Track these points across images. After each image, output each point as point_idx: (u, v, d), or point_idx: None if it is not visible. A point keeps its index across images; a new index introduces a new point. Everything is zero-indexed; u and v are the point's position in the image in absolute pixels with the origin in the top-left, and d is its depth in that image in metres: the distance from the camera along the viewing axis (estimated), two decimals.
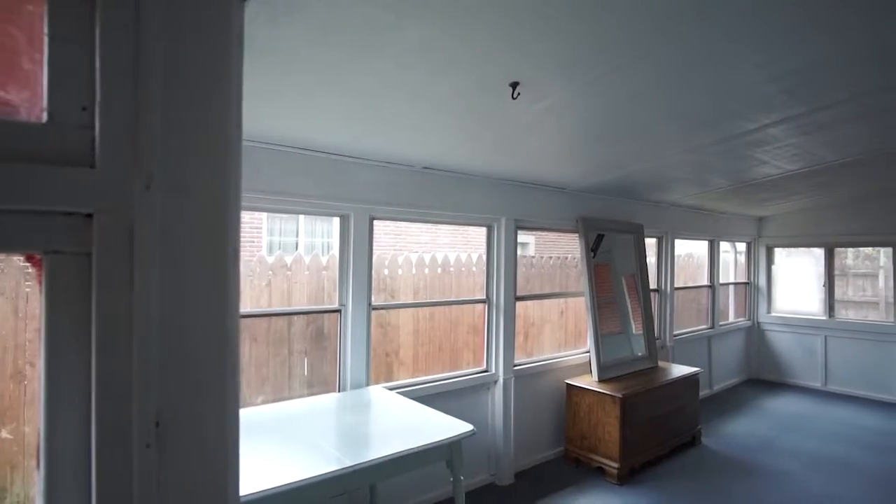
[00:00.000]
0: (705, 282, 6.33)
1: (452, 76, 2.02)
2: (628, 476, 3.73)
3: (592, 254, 4.38)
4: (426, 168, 3.28)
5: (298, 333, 3.01)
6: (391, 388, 3.18)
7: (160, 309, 0.51)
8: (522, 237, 11.73)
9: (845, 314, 6.55)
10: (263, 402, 2.75)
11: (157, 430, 0.50)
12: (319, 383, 3.03)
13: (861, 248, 6.60)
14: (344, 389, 2.99)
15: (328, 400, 2.81)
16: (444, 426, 2.31)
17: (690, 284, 6.17)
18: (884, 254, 6.12)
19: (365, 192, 3.03)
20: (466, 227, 3.93)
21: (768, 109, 2.76)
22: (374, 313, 3.31)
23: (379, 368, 3.36)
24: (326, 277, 3.10)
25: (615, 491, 3.56)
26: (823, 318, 6.44)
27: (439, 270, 3.80)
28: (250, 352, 2.79)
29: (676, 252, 6.14)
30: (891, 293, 6.07)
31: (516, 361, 3.96)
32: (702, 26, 1.80)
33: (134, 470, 0.49)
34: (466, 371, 3.70)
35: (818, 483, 3.72)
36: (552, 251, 9.85)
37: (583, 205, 4.40)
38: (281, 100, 2.15)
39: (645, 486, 3.64)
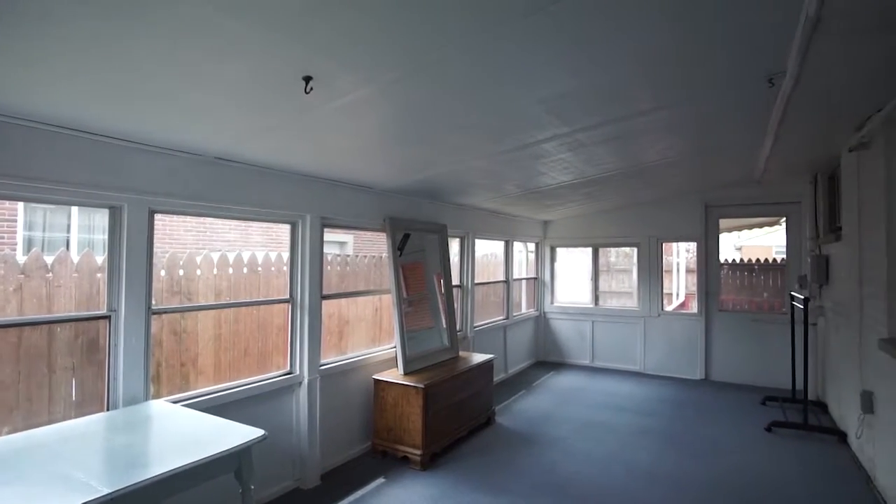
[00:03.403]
0: (502, 278, 7.06)
1: (241, 62, 1.90)
2: (430, 461, 3.98)
3: (399, 252, 4.56)
4: (219, 159, 3.04)
5: (65, 346, 2.53)
6: (184, 400, 2.90)
7: None
8: (341, 236, 11.53)
9: (609, 303, 7.97)
10: (8, 433, 2.25)
11: None
12: (94, 402, 2.60)
13: (621, 248, 8.08)
14: (115, 407, 2.61)
15: (94, 421, 2.41)
16: (232, 435, 2.17)
17: (491, 280, 6.83)
18: (635, 253, 7.56)
19: (143, 182, 2.68)
20: (280, 225, 3.75)
21: (540, 127, 3.19)
22: (166, 319, 2.97)
23: (172, 380, 3.03)
24: (104, 280, 2.66)
25: (418, 477, 3.76)
26: (591, 306, 7.71)
27: (245, 270, 3.56)
28: None
29: (483, 251, 6.76)
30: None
31: (325, 361, 3.92)
32: (482, 47, 2.01)
33: None
34: (269, 375, 3.53)
35: (583, 443, 4.44)
36: (371, 250, 9.97)
37: (390, 205, 4.55)
38: (37, 68, 1.78)
39: (445, 469, 3.91)
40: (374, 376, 4.20)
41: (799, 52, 2.26)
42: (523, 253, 7.96)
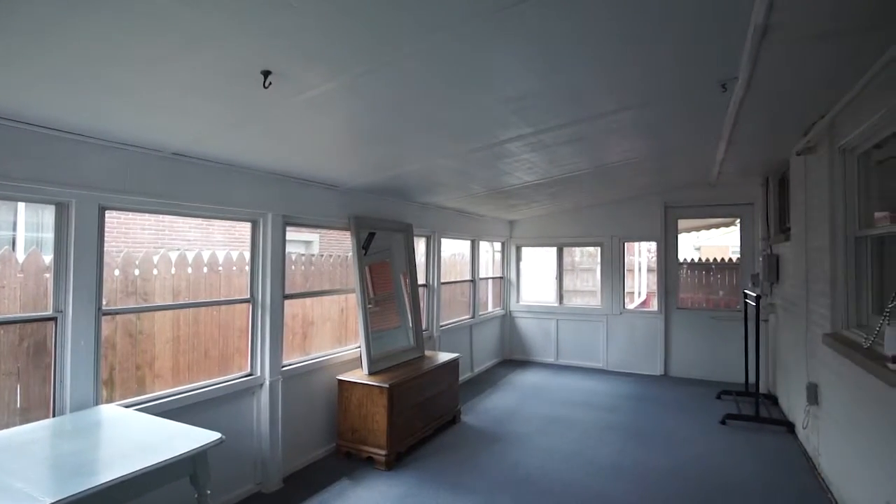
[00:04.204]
0: (468, 277, 7.09)
1: (200, 56, 1.84)
2: (395, 461, 3.96)
3: (364, 251, 4.52)
4: (177, 154, 2.94)
5: (8, 350, 2.40)
6: (139, 404, 2.80)
7: None
8: (307, 235, 11.34)
9: (573, 301, 8.12)
10: None
11: None
12: (39, 408, 2.48)
13: (585, 248, 8.24)
14: (62, 413, 2.49)
15: (39, 428, 2.29)
16: (186, 439, 2.10)
17: (458, 279, 6.85)
18: (599, 252, 7.71)
19: (93, 178, 2.57)
20: (243, 224, 3.65)
21: (505, 127, 3.22)
22: (120, 320, 2.86)
23: (126, 384, 2.93)
24: (52, 280, 2.53)
25: (382, 477, 3.74)
26: (556, 305, 7.83)
27: (206, 270, 3.46)
28: None
29: (451, 251, 6.77)
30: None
31: (288, 362, 3.85)
32: (446, 45, 2.00)
33: None
34: (229, 377, 3.44)
35: (547, 439, 4.51)
36: (337, 249, 9.85)
37: (355, 203, 4.50)
38: None
39: (410, 468, 3.90)
40: (338, 377, 4.15)
41: (749, 59, 2.35)
42: (490, 252, 8.01)
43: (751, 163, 5.19)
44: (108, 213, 2.72)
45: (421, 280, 5.70)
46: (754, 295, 4.99)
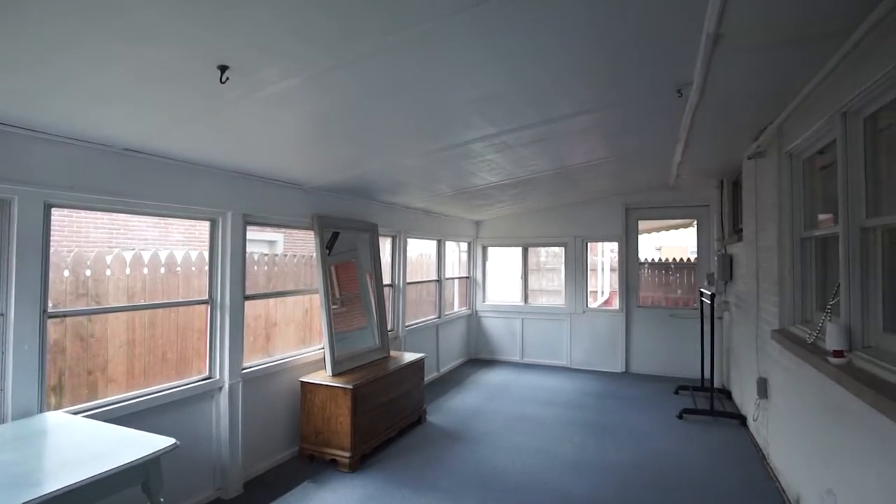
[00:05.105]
0: (435, 277, 7.09)
1: (151, 46, 1.77)
2: (360, 462, 3.92)
3: (328, 251, 4.46)
4: (129, 150, 2.83)
5: None
6: (90, 410, 2.69)
7: None
8: (271, 234, 11.10)
9: (539, 300, 8.23)
10: None
11: None
12: None
13: (550, 248, 8.36)
14: (3, 421, 2.36)
15: None
16: (138, 445, 2.03)
17: (424, 279, 6.84)
18: (563, 252, 7.83)
19: (39, 174, 2.45)
20: (204, 223, 3.55)
21: (468, 127, 3.24)
22: (70, 323, 2.75)
23: (77, 389, 2.81)
24: None
25: (346, 479, 3.70)
26: (521, 304, 7.92)
27: (163, 270, 3.35)
28: None
29: (418, 251, 6.75)
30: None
31: (248, 364, 3.76)
32: (408, 43, 2.00)
33: None
34: (187, 381, 3.34)
35: (512, 437, 4.56)
36: (303, 249, 9.67)
37: (319, 202, 4.44)
38: None
39: (374, 469, 3.87)
40: (300, 378, 4.08)
41: (703, 66, 2.43)
42: (456, 252, 8.04)
43: (707, 166, 5.37)
44: (55, 211, 2.60)
45: (387, 280, 5.67)
46: (709, 293, 5.18)
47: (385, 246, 5.78)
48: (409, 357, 4.96)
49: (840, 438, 2.41)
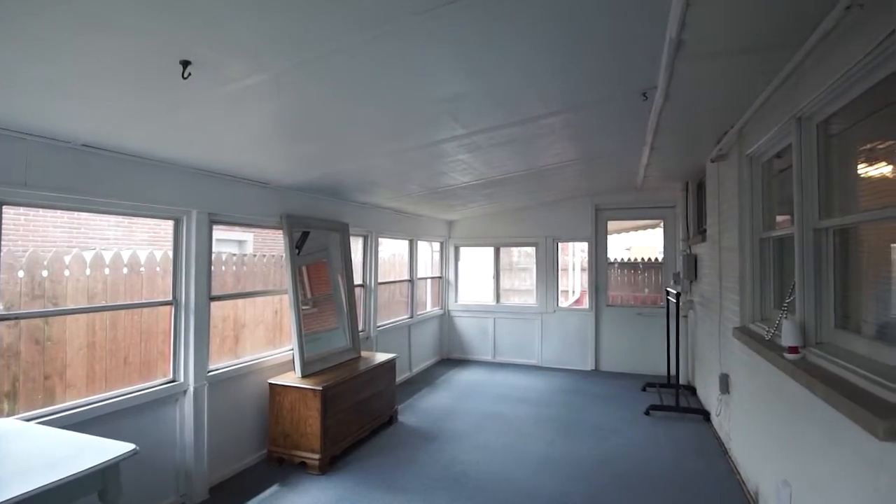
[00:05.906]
0: (407, 277, 7.07)
1: (107, 39, 1.71)
2: (329, 464, 3.88)
3: (297, 251, 4.40)
4: (87, 146, 2.74)
5: None
6: (46, 416, 2.59)
7: None
8: (240, 234, 10.87)
9: (511, 300, 8.30)
10: None
11: None
12: None
13: (522, 248, 8.43)
14: None
15: None
16: (95, 451, 1.96)
17: (396, 279, 6.82)
18: (534, 252, 7.92)
19: None
20: (169, 222, 3.45)
21: (438, 127, 3.24)
22: (25, 326, 2.65)
23: (32, 395, 2.70)
24: None
25: (315, 481, 3.66)
26: (493, 304, 7.97)
27: (126, 271, 3.24)
28: None
29: (390, 251, 6.71)
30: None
31: (215, 366, 3.68)
32: (376, 41, 1.99)
33: None
34: (149, 384, 3.25)
35: (483, 436, 4.58)
36: (273, 249, 9.51)
37: (288, 202, 4.37)
38: None
39: (345, 471, 3.84)
40: (269, 380, 4.01)
41: (666, 71, 2.49)
42: (429, 252, 8.03)
43: (672, 168, 5.51)
44: (6, 209, 2.49)
45: (358, 280, 5.63)
46: (675, 292, 5.31)
47: (356, 246, 5.73)
48: (381, 357, 4.93)
49: (795, 431, 2.50)
